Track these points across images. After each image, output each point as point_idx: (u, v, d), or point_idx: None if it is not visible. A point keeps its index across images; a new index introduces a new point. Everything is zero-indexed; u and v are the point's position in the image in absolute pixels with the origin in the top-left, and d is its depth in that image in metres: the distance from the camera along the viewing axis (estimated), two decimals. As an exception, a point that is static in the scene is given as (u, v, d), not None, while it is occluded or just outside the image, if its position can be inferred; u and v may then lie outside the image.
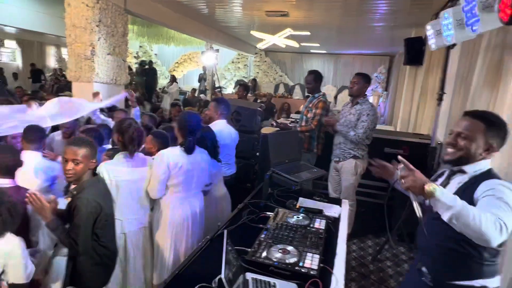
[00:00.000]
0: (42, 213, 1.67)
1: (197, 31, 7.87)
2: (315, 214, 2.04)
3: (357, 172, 3.23)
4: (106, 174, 1.92)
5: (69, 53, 4.64)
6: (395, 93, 8.84)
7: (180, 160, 2.07)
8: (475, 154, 1.36)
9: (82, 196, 1.71)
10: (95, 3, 4.41)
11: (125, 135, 1.96)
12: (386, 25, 6.53)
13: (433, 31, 2.84)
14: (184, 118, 2.15)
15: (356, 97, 3.21)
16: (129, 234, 2.04)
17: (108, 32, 4.69)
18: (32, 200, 1.65)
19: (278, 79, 12.53)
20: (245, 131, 3.59)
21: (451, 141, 1.41)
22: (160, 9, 6.14)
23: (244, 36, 9.59)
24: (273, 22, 6.81)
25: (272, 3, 5.59)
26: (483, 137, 1.34)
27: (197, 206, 2.24)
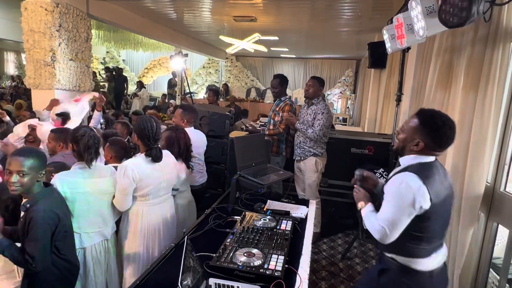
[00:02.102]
0: None
1: (165, 36, 7.76)
2: (282, 216, 2.05)
3: (318, 169, 3.35)
4: (60, 186, 1.81)
5: (27, 59, 4.43)
6: (362, 95, 9.16)
7: (145, 170, 1.98)
8: (408, 147, 1.50)
9: (36, 208, 1.61)
10: (55, 7, 4.24)
11: (80, 144, 1.85)
12: (352, 30, 6.77)
13: (388, 35, 2.98)
14: (142, 125, 2.01)
15: (311, 98, 3.37)
16: (89, 249, 1.93)
17: (70, 37, 4.52)
18: None
19: (250, 84, 12.61)
20: (214, 136, 3.58)
21: (396, 133, 1.64)
22: (125, 14, 6.01)
23: (214, 41, 9.57)
24: (242, 27, 6.86)
25: (240, 9, 5.63)
26: (415, 133, 1.46)
27: (167, 211, 2.18)
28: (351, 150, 3.85)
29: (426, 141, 1.44)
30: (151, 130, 2.00)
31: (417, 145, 1.46)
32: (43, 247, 1.58)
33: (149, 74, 13.11)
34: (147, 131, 1.99)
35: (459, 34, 2.35)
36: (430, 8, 1.75)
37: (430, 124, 1.43)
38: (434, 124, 1.43)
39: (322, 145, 3.35)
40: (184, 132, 2.42)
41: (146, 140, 2.00)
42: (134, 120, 5.08)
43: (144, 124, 2.01)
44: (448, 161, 2.42)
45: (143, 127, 2.00)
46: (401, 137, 1.53)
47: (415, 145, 1.46)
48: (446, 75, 2.54)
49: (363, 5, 4.89)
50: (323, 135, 3.28)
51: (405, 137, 1.51)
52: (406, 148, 1.51)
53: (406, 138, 1.50)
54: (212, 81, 12.91)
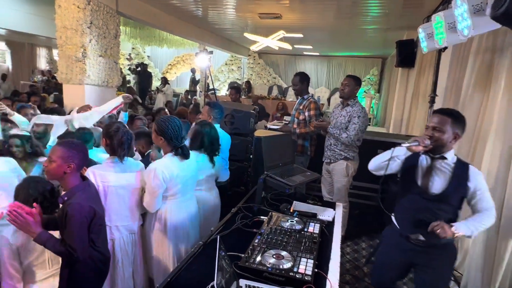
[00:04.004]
0: (26, 229, 1.57)
1: (190, 33, 7.83)
2: (309, 218, 2.02)
3: (348, 174, 3.24)
4: (93, 178, 1.86)
5: (60, 55, 4.58)
6: (387, 95, 8.92)
7: (174, 170, 1.99)
8: (447, 142, 1.73)
9: (73, 201, 1.65)
10: (86, 5, 4.36)
11: (114, 139, 1.90)
12: (379, 28, 6.59)
13: (424, 34, 2.86)
14: (165, 127, 1.98)
15: (347, 99, 3.22)
16: (117, 241, 1.99)
17: (100, 33, 4.64)
18: (14, 218, 1.54)
19: (272, 81, 12.55)
20: (238, 133, 3.57)
21: (429, 134, 1.75)
22: (152, 11, 6.11)
23: (237, 38, 9.59)
24: (266, 24, 6.82)
25: (265, 6, 5.60)
26: (452, 129, 1.71)
27: (192, 207, 2.20)
28: (377, 152, 3.74)
29: (460, 132, 1.73)
30: (177, 129, 2.00)
31: (455, 138, 1.73)
32: (81, 239, 1.63)
33: (173, 71, 13.31)
34: (173, 132, 1.99)
35: (502, 33, 2.22)
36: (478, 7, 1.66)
37: (460, 117, 1.73)
38: (462, 117, 1.74)
39: (354, 149, 3.22)
40: (211, 127, 2.43)
41: (172, 140, 2.00)
42: (160, 117, 5.17)
43: (167, 125, 1.99)
44: (484, 166, 2.31)
45: (166, 128, 1.98)
46: (438, 135, 1.73)
47: (454, 139, 1.72)
48: (485, 75, 2.41)
49: (392, 2, 4.74)
50: (357, 140, 3.14)
51: (445, 135, 1.71)
52: (445, 144, 1.73)
53: (447, 136, 1.71)
54: (234, 78, 12.95)
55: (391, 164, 1.86)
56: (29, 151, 2.46)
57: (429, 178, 1.81)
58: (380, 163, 1.91)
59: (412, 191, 1.84)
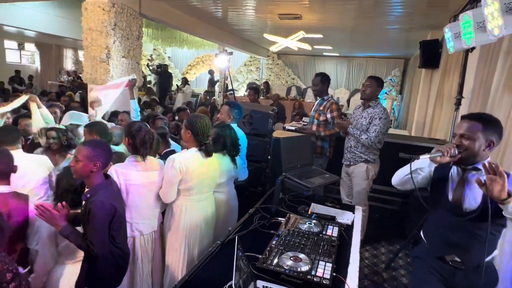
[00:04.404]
0: (52, 222, 1.66)
1: (210, 34, 7.92)
2: (327, 220, 2.00)
3: (368, 177, 3.17)
4: (116, 176, 1.92)
5: (85, 56, 4.73)
6: (409, 97, 8.68)
7: (192, 164, 2.05)
8: (479, 151, 1.53)
9: (96, 199, 1.71)
10: (111, 7, 4.48)
11: (136, 138, 1.95)
12: (401, 28, 6.43)
13: (451, 34, 2.76)
14: (194, 122, 2.10)
15: (368, 100, 3.16)
16: (138, 238, 2.04)
17: (123, 35, 4.76)
18: (40, 212, 1.64)
19: (291, 82, 12.49)
20: (256, 134, 3.58)
21: (457, 143, 1.57)
22: (174, 13, 6.21)
23: (257, 38, 9.61)
24: (286, 25, 6.80)
25: (285, 6, 5.58)
26: (483, 135, 1.52)
27: (209, 209, 2.23)
28: (399, 154, 3.65)
29: (496, 139, 1.53)
30: (204, 127, 2.06)
31: (490, 146, 1.53)
32: (101, 236, 1.69)
33: (192, 71, 13.50)
34: (200, 128, 2.05)
35: (535, 32, 2.11)
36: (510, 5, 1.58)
37: (494, 122, 1.54)
38: (496, 121, 1.55)
39: (375, 151, 3.15)
40: (231, 128, 2.45)
41: (199, 137, 2.07)
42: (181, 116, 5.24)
43: (197, 121, 2.08)
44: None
45: (196, 124, 2.06)
46: (468, 144, 1.54)
47: (488, 146, 1.53)
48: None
49: (416, 2, 4.61)
50: (378, 142, 3.07)
51: (476, 143, 1.53)
52: (477, 153, 1.54)
53: (478, 144, 1.52)
54: (253, 78, 12.97)
55: (415, 177, 1.68)
56: (64, 143, 2.62)
57: (461, 192, 1.60)
58: (403, 177, 1.75)
59: (443, 207, 1.66)
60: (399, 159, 3.62)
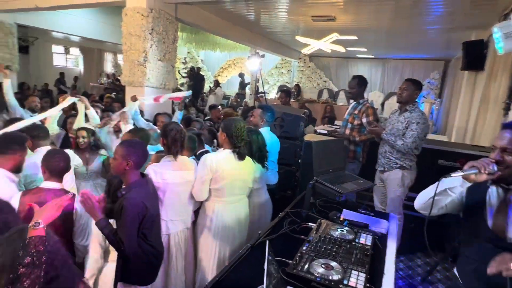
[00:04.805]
0: (92, 212, 1.74)
1: (242, 37, 8.00)
2: (360, 228, 1.93)
3: (404, 184, 3.03)
4: (153, 175, 1.98)
5: (124, 59, 4.96)
6: (450, 101, 8.23)
7: (223, 165, 2.09)
8: None
9: (129, 196, 1.77)
10: (149, 12, 4.66)
11: (168, 137, 2.02)
12: (442, 28, 6.12)
13: (501, 34, 2.58)
14: (230, 125, 2.13)
15: (405, 104, 3.02)
16: (173, 235, 2.10)
17: (160, 39, 4.93)
18: (84, 200, 1.73)
19: (322, 85, 12.29)
20: (287, 137, 3.55)
21: (497, 158, 1.30)
22: (208, 17, 6.35)
23: (289, 41, 9.57)
24: (319, 27, 6.71)
25: (319, 8, 5.51)
26: None
27: (241, 211, 2.24)
28: (438, 162, 3.46)
29: None
30: (240, 130, 2.09)
31: None
32: (130, 233, 1.75)
33: (224, 74, 13.70)
34: (236, 131, 2.08)
35: None
36: None
37: None
38: None
39: (412, 157, 3.00)
40: (258, 134, 2.46)
41: (234, 139, 2.10)
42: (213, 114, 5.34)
43: (233, 124, 2.11)
44: None
45: (232, 127, 2.10)
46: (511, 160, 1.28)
47: None
48: None
49: (459, 0, 4.36)
50: (415, 148, 2.92)
51: None
52: None
53: None
54: (284, 81, 12.93)
55: (444, 199, 1.43)
56: (92, 143, 2.83)
57: (504, 218, 1.32)
58: (428, 200, 1.47)
59: (480, 237, 1.37)
60: (438, 167, 3.43)
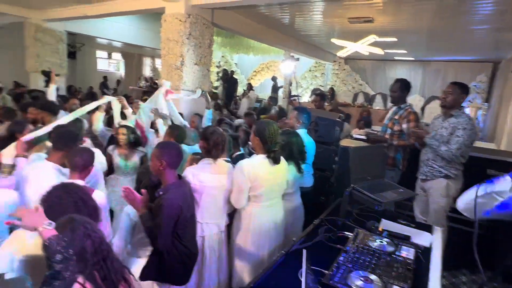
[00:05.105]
0: (135, 205, 1.84)
1: (276, 40, 8.01)
2: (400, 240, 1.82)
3: (448, 194, 2.83)
4: (191, 177, 2.02)
5: (163, 64, 5.14)
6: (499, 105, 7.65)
7: (260, 171, 2.06)
8: None
9: (166, 197, 1.83)
10: (187, 18, 4.79)
11: (210, 141, 2.04)
12: (490, 28, 5.71)
13: None
14: (264, 128, 2.11)
15: (450, 109, 2.83)
16: (207, 237, 2.12)
17: (196, 44, 5.05)
18: (127, 194, 1.83)
19: (358, 88, 11.95)
20: (322, 142, 3.47)
21: None
22: (243, 21, 6.42)
23: (323, 44, 9.43)
24: (356, 29, 6.54)
25: (356, 9, 5.37)
26: None
27: (278, 214, 2.23)
28: (486, 171, 3.20)
29: None
30: (273, 134, 2.06)
31: None
32: (165, 232, 1.80)
33: (257, 77, 13.78)
34: (269, 134, 2.06)
35: None
36: None
37: None
38: None
39: (458, 166, 2.80)
40: (297, 136, 2.42)
41: (267, 143, 2.07)
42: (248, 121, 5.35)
43: (266, 128, 2.08)
44: None
45: (265, 131, 2.07)
46: None
47: None
48: None
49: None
50: (461, 155, 2.73)
51: None
52: None
53: None
54: (317, 84, 12.73)
55: (489, 203, 1.34)
56: (131, 140, 3.02)
57: None
58: (470, 202, 1.39)
59: None
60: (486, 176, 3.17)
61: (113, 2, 5.88)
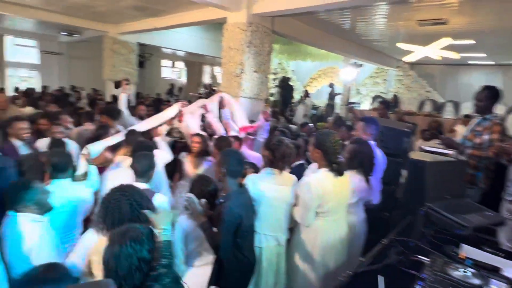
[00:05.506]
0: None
1: (336, 46, 7.81)
2: (488, 272, 1.58)
3: None
4: (251, 185, 1.99)
5: (223, 72, 5.29)
6: None
7: (327, 187, 1.95)
8: None
9: (227, 205, 1.83)
10: (248, 27, 4.88)
11: (276, 152, 1.97)
12: None
13: None
14: (324, 140, 1.98)
15: None
16: (265, 249, 2.06)
17: (256, 51, 5.10)
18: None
19: (424, 95, 11.06)
20: (388, 153, 3.23)
21: None
22: (303, 27, 6.36)
23: (386, 48, 8.96)
24: (425, 32, 6.08)
25: (426, 11, 4.99)
26: None
27: (343, 228, 2.10)
28: None
29: None
30: (335, 145, 1.95)
31: None
32: (225, 240, 1.80)
33: (313, 84, 13.56)
34: (330, 146, 1.95)
35: None
36: None
37: None
38: None
39: None
40: (368, 146, 2.27)
41: (329, 155, 1.96)
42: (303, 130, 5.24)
43: (327, 139, 1.97)
44: None
45: (326, 143, 1.96)
46: None
47: None
48: None
49: None
50: None
51: None
52: None
53: None
54: (378, 91, 12.07)
55: None
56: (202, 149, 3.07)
57: None
58: None
59: None
60: None
61: (179, 14, 6.25)
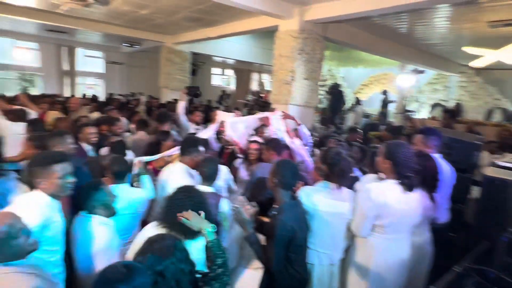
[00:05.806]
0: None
1: (391, 51, 7.43)
2: None
3: None
4: (304, 198, 1.90)
5: (274, 79, 5.27)
6: None
7: (390, 198, 1.80)
8: None
9: (280, 217, 1.77)
10: (299, 34, 4.81)
11: (335, 168, 1.86)
12: None
13: None
14: (396, 150, 1.84)
15: None
16: (316, 266, 1.94)
17: (307, 58, 5.01)
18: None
19: (492, 103, 9.99)
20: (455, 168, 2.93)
21: None
22: (356, 33, 6.14)
23: (447, 53, 8.29)
24: (495, 34, 5.51)
25: (501, 11, 4.50)
26: None
27: (405, 250, 1.92)
28: None
29: None
30: (407, 157, 1.79)
31: None
32: (278, 253, 1.73)
33: (365, 91, 13.03)
34: (403, 157, 1.80)
35: None
36: None
37: None
38: None
39: None
40: (431, 160, 2.06)
41: (400, 167, 1.81)
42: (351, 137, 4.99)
43: (399, 150, 1.83)
44: None
45: (398, 154, 1.82)
46: None
47: None
48: None
49: None
50: None
51: None
52: None
53: None
54: (438, 99, 11.18)
55: None
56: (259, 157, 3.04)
57: None
58: None
59: None
60: None
61: (232, 24, 6.39)
